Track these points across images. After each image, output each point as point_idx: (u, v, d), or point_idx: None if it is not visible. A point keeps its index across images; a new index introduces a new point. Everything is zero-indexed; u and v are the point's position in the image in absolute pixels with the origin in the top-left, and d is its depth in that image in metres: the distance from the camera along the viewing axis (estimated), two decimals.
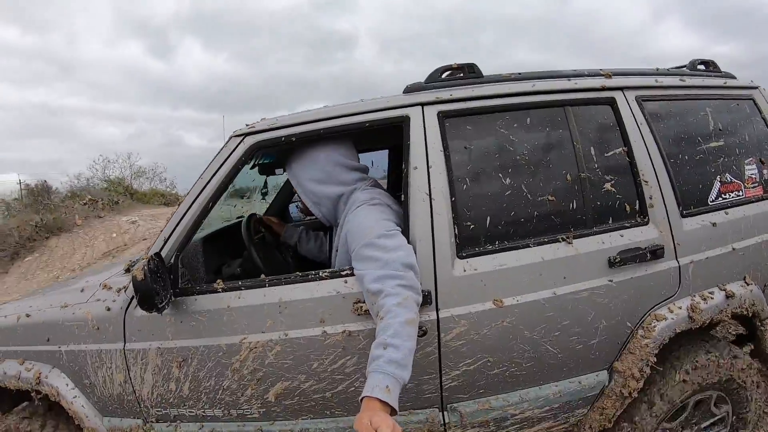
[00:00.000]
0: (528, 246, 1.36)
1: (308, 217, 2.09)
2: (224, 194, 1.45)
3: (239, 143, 1.42)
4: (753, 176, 1.53)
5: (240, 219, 2.33)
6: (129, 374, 1.42)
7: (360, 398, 1.01)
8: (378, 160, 2.71)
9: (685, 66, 1.69)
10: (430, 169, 1.36)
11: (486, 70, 1.53)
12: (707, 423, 1.57)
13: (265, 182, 2.25)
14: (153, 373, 1.40)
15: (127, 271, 1.68)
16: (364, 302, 1.29)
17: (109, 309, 1.42)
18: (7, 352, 1.52)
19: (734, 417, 1.57)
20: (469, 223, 1.36)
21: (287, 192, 2.55)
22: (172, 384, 1.40)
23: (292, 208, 2.66)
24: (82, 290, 1.56)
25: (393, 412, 0.99)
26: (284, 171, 1.61)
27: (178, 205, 1.43)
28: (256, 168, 2.10)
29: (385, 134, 2.11)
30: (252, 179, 2.36)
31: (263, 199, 2.39)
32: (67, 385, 1.46)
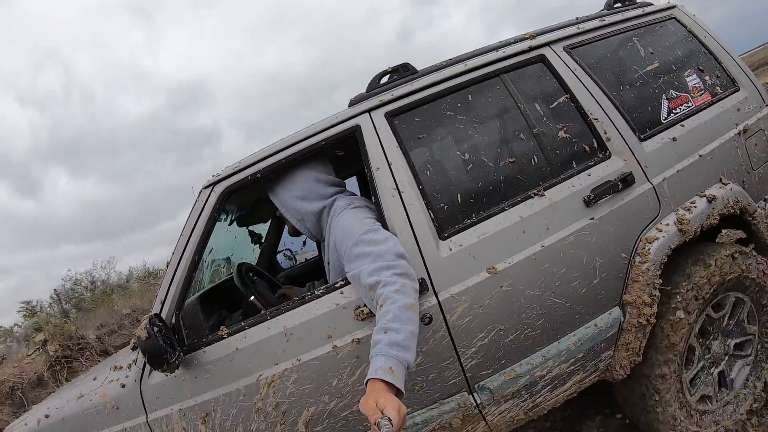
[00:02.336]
0: (504, 210, 1.39)
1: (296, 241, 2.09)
2: (207, 244, 1.49)
3: (210, 194, 1.47)
4: (697, 85, 1.58)
5: (230, 276, 2.36)
6: None
7: (364, 382, 1.00)
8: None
9: (602, 9, 1.78)
10: (391, 166, 1.41)
11: None
12: (737, 340, 1.55)
13: (251, 232, 2.29)
14: None
15: (134, 348, 1.70)
16: (364, 306, 1.31)
17: (123, 385, 1.43)
18: None
19: (759, 343, 1.55)
20: (442, 205, 1.40)
21: (272, 242, 2.58)
22: None
23: (280, 257, 2.67)
24: (94, 378, 1.57)
25: (399, 393, 0.99)
26: (255, 211, 1.63)
27: (167, 266, 1.47)
28: (234, 223, 2.15)
29: (348, 161, 2.19)
30: (234, 236, 2.41)
31: (259, 246, 2.42)
32: None
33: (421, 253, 1.34)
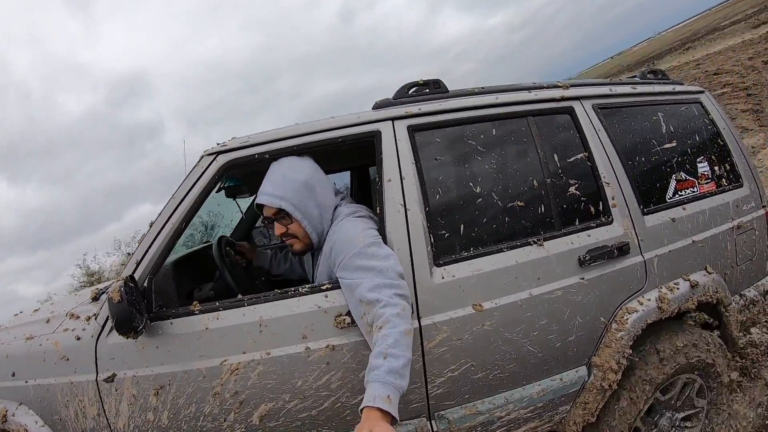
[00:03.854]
0: (502, 250, 1.40)
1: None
2: (196, 213, 1.44)
3: (211, 162, 1.41)
4: (705, 173, 1.63)
5: (207, 244, 2.29)
6: (103, 407, 1.35)
7: (360, 408, 1.00)
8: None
9: (635, 76, 1.81)
10: (403, 181, 1.39)
11: (291, 111, 1.59)
12: (686, 413, 1.63)
13: (238, 204, 2.22)
14: (129, 404, 1.34)
15: (95, 299, 1.62)
16: (347, 315, 1.29)
17: (78, 338, 1.37)
18: None
19: (709, 407, 1.64)
20: (443, 232, 1.39)
21: (251, 217, 2.52)
22: (150, 414, 1.34)
23: (255, 233, 2.62)
24: (47, 321, 1.49)
25: (393, 421, 0.98)
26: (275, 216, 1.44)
27: (150, 226, 1.40)
28: (222, 191, 2.09)
29: (348, 155, 2.16)
30: (217, 203, 2.34)
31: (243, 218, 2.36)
32: (36, 422, 1.38)
33: (413, 274, 1.33)
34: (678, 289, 1.49)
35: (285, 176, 1.38)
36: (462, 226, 1.41)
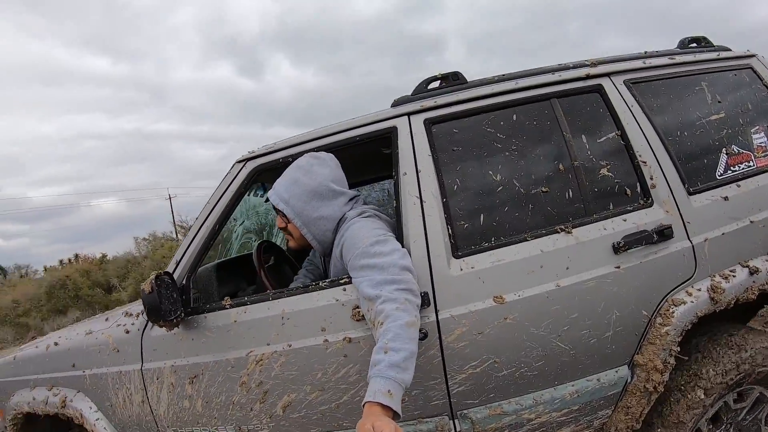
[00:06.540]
0: (525, 239, 1.33)
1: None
2: (230, 216, 1.54)
3: (241, 168, 1.52)
4: (762, 145, 1.44)
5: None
6: (146, 394, 1.47)
7: (362, 404, 0.99)
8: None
9: (676, 47, 1.66)
10: (419, 174, 1.39)
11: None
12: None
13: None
14: (168, 392, 1.45)
15: None
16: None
17: (128, 331, 1.51)
18: (38, 380, 1.62)
19: None
20: (463, 222, 1.36)
21: None
22: (186, 401, 1.44)
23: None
24: (106, 319, 1.66)
25: (396, 416, 0.97)
26: (278, 210, 1.47)
27: (188, 229, 1.52)
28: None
29: (375, 165, 2.18)
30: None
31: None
32: (91, 407, 1.53)
33: (430, 266, 1.31)
34: (734, 276, 1.31)
35: (297, 180, 1.39)
36: (482, 215, 1.36)
